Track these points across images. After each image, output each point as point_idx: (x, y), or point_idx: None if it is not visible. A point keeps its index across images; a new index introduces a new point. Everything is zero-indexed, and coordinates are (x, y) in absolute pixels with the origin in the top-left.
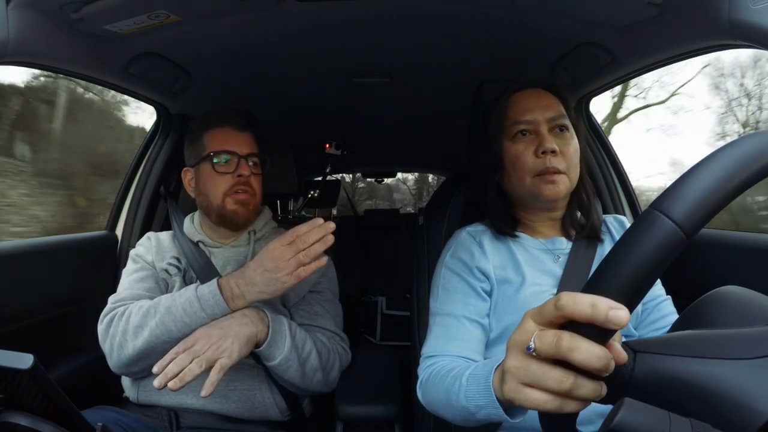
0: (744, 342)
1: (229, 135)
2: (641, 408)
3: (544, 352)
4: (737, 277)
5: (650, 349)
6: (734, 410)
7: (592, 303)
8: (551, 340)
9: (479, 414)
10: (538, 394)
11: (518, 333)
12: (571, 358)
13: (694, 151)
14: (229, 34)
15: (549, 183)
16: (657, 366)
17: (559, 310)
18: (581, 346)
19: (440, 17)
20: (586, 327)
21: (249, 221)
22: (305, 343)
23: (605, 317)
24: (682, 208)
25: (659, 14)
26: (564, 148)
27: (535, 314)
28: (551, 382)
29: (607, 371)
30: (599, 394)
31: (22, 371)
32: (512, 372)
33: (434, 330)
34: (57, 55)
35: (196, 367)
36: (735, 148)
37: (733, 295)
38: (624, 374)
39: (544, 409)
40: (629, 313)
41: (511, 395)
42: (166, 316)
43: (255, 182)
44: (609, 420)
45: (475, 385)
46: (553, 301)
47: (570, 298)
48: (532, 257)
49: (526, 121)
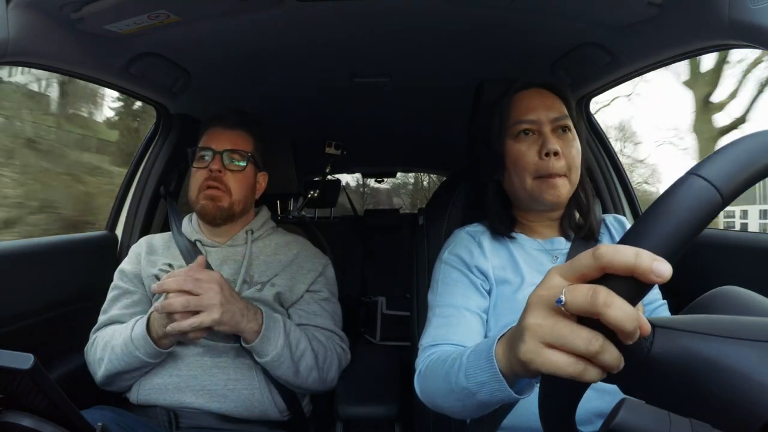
0: (764, 325)
1: (215, 133)
2: (641, 408)
3: (576, 306)
4: (737, 277)
5: (670, 325)
6: (752, 391)
7: (636, 251)
8: (586, 292)
9: (480, 393)
10: (560, 356)
11: (542, 288)
12: (606, 314)
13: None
14: (229, 34)
15: (550, 187)
16: (676, 342)
17: (598, 260)
18: (617, 302)
19: (440, 17)
20: (621, 284)
21: (224, 219)
22: (300, 341)
23: (649, 266)
24: (719, 172)
25: (659, 14)
26: (566, 150)
27: (565, 269)
28: (579, 341)
29: (634, 337)
30: (620, 365)
31: (22, 371)
32: (534, 330)
33: (434, 321)
34: (57, 55)
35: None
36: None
37: (733, 295)
38: (643, 348)
39: (565, 373)
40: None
41: (529, 356)
42: (112, 354)
43: (231, 179)
44: (609, 420)
45: (476, 360)
46: (591, 251)
47: (610, 248)
48: (531, 258)
49: (530, 120)
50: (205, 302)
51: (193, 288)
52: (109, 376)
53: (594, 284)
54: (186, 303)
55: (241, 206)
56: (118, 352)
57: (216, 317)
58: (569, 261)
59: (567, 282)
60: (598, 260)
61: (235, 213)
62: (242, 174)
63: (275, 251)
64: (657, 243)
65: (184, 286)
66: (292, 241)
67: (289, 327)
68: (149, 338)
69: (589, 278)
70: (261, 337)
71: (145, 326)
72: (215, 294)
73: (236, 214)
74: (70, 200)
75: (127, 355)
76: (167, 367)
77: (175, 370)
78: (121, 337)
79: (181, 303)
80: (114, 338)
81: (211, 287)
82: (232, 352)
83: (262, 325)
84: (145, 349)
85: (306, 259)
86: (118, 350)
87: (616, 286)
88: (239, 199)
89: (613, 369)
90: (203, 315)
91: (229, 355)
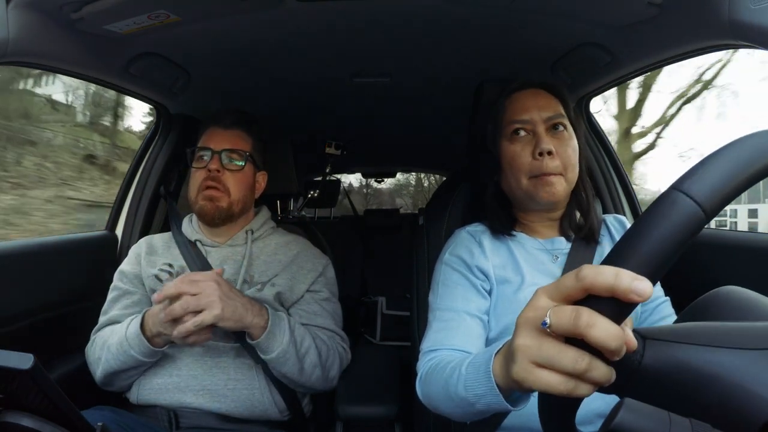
0: (755, 333)
1: (213, 133)
2: (641, 408)
3: (560, 327)
4: (737, 277)
5: (660, 337)
6: (744, 399)
7: (616, 272)
8: (569, 314)
9: (479, 404)
10: (550, 375)
11: (529, 309)
12: (589, 335)
13: None
14: (229, 34)
15: (546, 185)
16: (667, 353)
17: (581, 281)
18: (599, 323)
19: (440, 17)
20: (604, 304)
21: (223, 219)
22: (304, 338)
23: (628, 286)
24: (702, 187)
25: (659, 14)
26: (561, 149)
27: (551, 289)
28: (566, 361)
29: (620, 354)
30: (610, 379)
31: (22, 371)
32: (523, 351)
33: (434, 325)
34: (57, 55)
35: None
36: (757, 136)
37: (733, 295)
38: (633, 361)
39: (557, 391)
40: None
41: (521, 376)
42: (108, 353)
43: (230, 179)
44: (609, 420)
45: (474, 373)
46: (574, 272)
47: (592, 269)
48: (532, 257)
49: (523, 120)
50: (204, 300)
51: (190, 289)
52: (107, 375)
53: (577, 305)
54: (185, 305)
55: (240, 206)
56: (114, 351)
57: (217, 312)
58: (555, 282)
59: (553, 303)
60: (580, 282)
61: (234, 213)
62: (241, 174)
63: (275, 251)
64: (639, 262)
65: (182, 288)
66: (292, 241)
67: (294, 324)
68: (143, 337)
69: (574, 299)
70: (267, 332)
71: (139, 325)
72: (213, 291)
73: (235, 214)
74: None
75: (122, 354)
76: (167, 367)
77: (175, 370)
78: (117, 336)
79: (180, 306)
80: (111, 338)
81: (208, 285)
82: (233, 352)
83: (268, 321)
84: (140, 347)
85: (306, 259)
86: (114, 349)
87: (600, 307)
88: (238, 198)
89: (603, 384)
90: (204, 313)
91: (229, 355)
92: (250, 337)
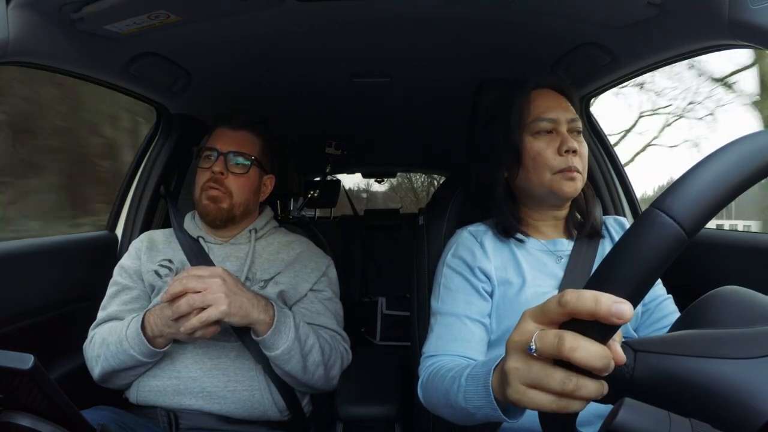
0: (746, 341)
1: (221, 134)
2: (641, 408)
3: (545, 352)
4: (737, 277)
5: (651, 349)
6: (736, 410)
7: (596, 297)
8: (552, 339)
9: (478, 415)
10: (541, 396)
11: (517, 334)
12: (573, 358)
13: None
14: (229, 34)
15: (569, 180)
16: (658, 365)
17: (563, 306)
18: (582, 345)
19: (440, 17)
20: (587, 326)
21: (225, 220)
22: (308, 336)
23: (608, 310)
24: (682, 206)
25: (659, 14)
26: (580, 150)
27: (537, 313)
28: (554, 383)
29: (607, 371)
30: (601, 393)
31: (22, 371)
32: (514, 374)
33: (435, 329)
34: (57, 55)
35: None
36: (735, 147)
37: (733, 295)
38: (625, 374)
39: (549, 409)
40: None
41: (515, 397)
42: (107, 351)
43: (233, 182)
44: (609, 420)
45: (474, 386)
46: (557, 297)
47: (574, 294)
48: (534, 258)
49: (550, 119)
50: (210, 296)
51: (196, 285)
52: (106, 373)
53: (561, 329)
54: (192, 301)
55: (241, 209)
56: (113, 350)
57: (224, 308)
58: (540, 306)
59: (539, 326)
60: (563, 307)
61: (235, 215)
62: (245, 177)
63: (278, 250)
64: (619, 285)
65: (188, 284)
66: (295, 240)
67: (299, 321)
68: (143, 337)
69: (559, 322)
70: (273, 329)
71: (139, 324)
72: (219, 287)
73: (237, 216)
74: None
75: (121, 353)
76: (165, 370)
77: (173, 372)
78: (116, 334)
79: (186, 302)
80: (110, 335)
81: (213, 281)
82: (232, 353)
83: (274, 317)
84: (140, 347)
85: (309, 259)
86: (113, 348)
87: (584, 329)
88: (240, 201)
89: (594, 399)
90: (210, 309)
91: (228, 356)
92: (255, 334)
